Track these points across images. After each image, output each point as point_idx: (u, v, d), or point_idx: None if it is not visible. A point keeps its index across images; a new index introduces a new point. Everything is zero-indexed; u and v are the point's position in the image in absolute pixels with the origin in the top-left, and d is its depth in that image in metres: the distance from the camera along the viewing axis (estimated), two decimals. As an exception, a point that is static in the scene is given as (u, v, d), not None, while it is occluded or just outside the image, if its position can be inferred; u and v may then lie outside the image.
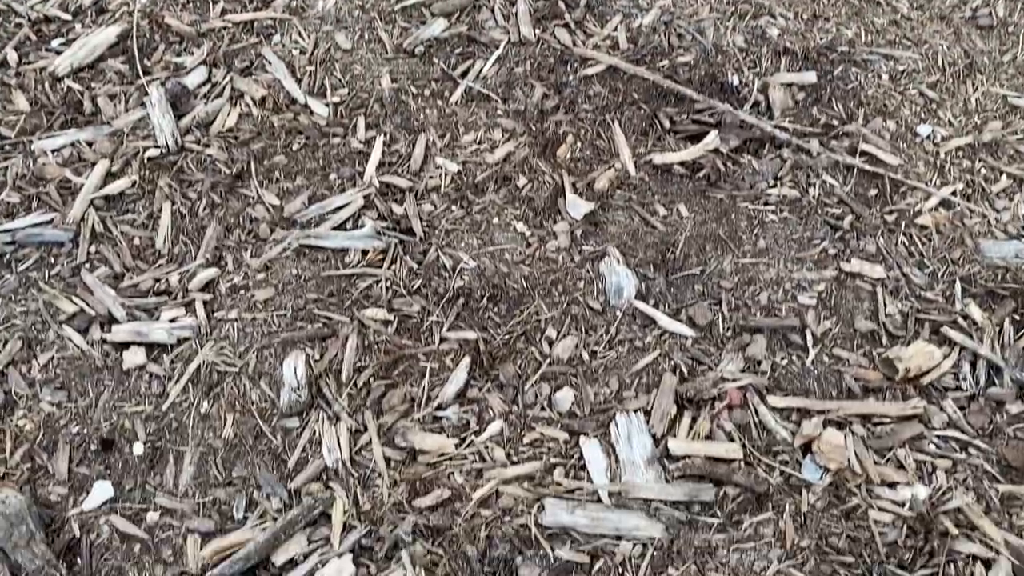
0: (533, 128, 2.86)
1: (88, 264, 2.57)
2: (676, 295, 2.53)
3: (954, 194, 2.74)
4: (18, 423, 2.29)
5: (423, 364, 2.38)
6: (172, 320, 2.44)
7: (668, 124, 2.88)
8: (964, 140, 2.88)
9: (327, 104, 2.93)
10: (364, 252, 2.58)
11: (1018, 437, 2.27)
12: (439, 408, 2.32)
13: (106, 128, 2.87)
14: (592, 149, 2.82)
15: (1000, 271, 2.56)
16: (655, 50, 3.08)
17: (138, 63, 3.03)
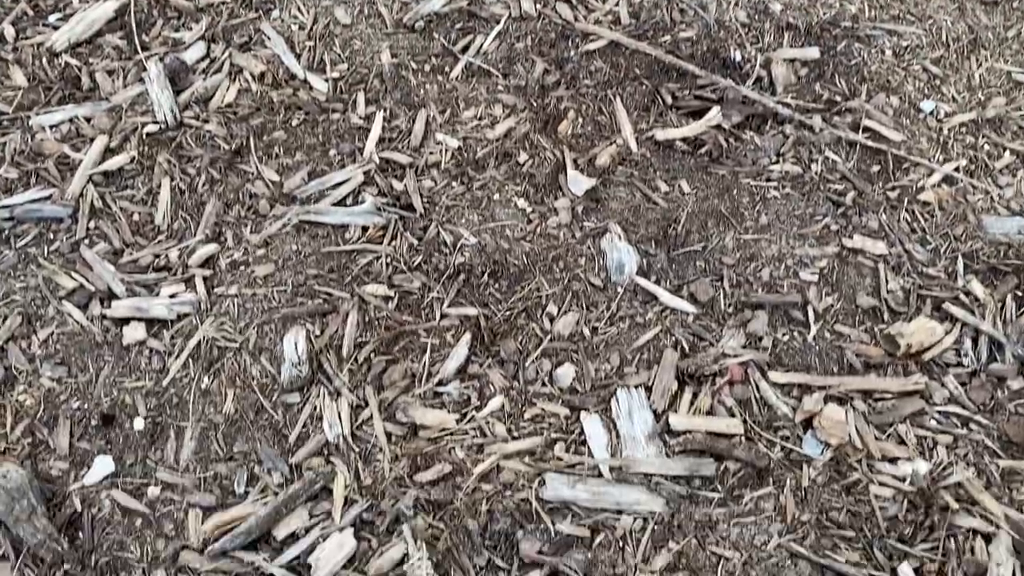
0: (534, 104, 2.85)
1: (87, 240, 2.56)
2: (677, 271, 2.52)
3: (957, 170, 2.73)
4: (18, 398, 2.28)
5: (424, 340, 2.38)
6: (172, 296, 2.44)
7: (670, 100, 2.86)
8: (967, 116, 2.86)
9: (327, 79, 2.91)
10: (364, 228, 2.57)
11: (1019, 413, 2.27)
12: (440, 384, 2.31)
13: (104, 104, 2.85)
14: (593, 125, 2.81)
15: (1002, 247, 2.55)
16: (657, 25, 3.06)
17: (136, 38, 3.00)
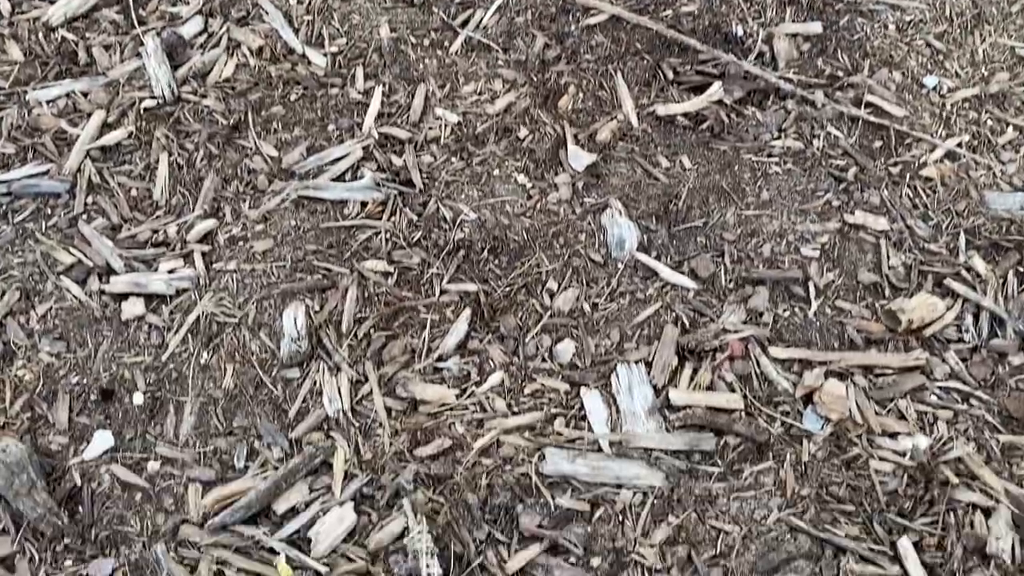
0: (534, 79, 2.82)
1: (85, 215, 2.55)
2: (678, 247, 2.51)
3: (960, 146, 2.71)
4: (17, 373, 2.28)
5: (423, 316, 2.37)
6: (171, 271, 2.43)
7: (671, 75, 2.83)
8: (971, 91, 2.84)
9: (325, 54, 2.88)
10: (363, 204, 2.56)
11: (1020, 388, 2.27)
12: (440, 359, 2.31)
13: (101, 79, 2.83)
14: (594, 100, 2.79)
15: (1005, 223, 2.54)
16: None
17: (133, 13, 2.97)
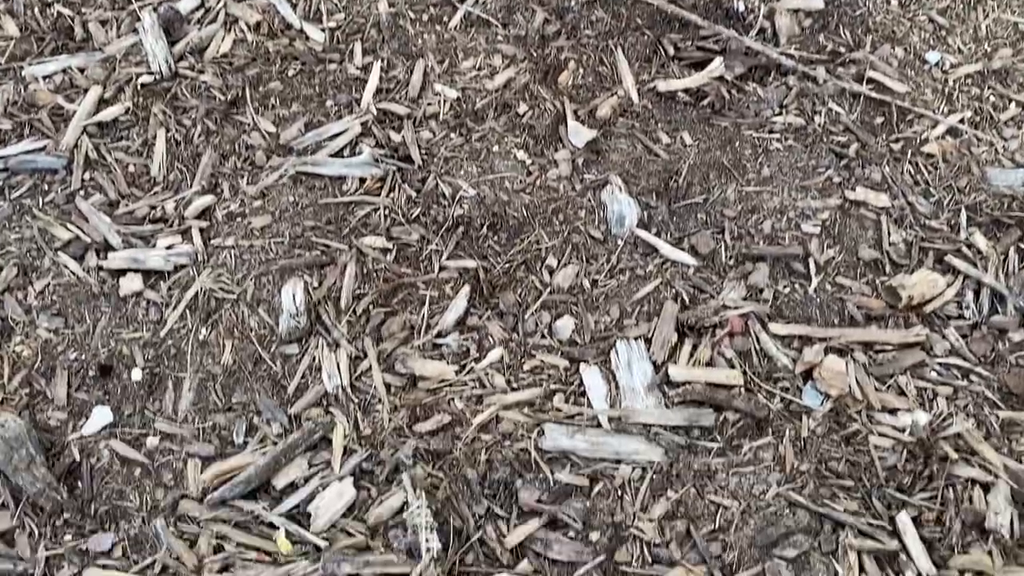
0: (534, 54, 2.80)
1: (82, 191, 2.53)
2: (678, 223, 2.50)
3: (962, 122, 2.69)
4: (16, 349, 2.27)
5: (422, 292, 2.36)
6: (168, 247, 2.41)
7: (672, 51, 2.81)
8: (973, 67, 2.82)
9: (323, 29, 2.86)
10: (362, 180, 2.54)
11: (1020, 365, 2.27)
12: (439, 336, 2.30)
13: (98, 54, 2.80)
14: (594, 76, 2.77)
15: (1006, 199, 2.53)
16: (659, -25, 3.00)
17: (129, -12, 2.95)
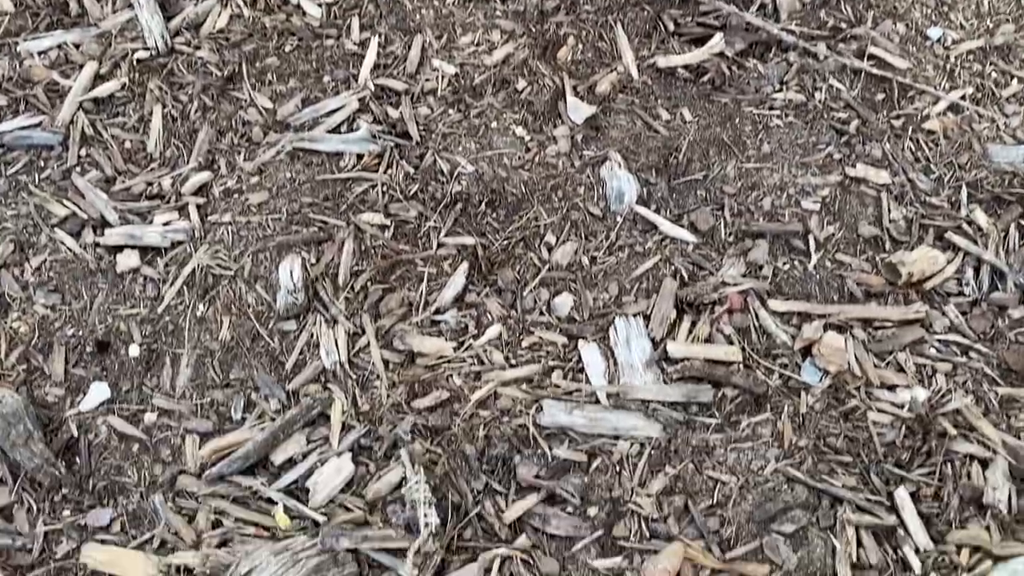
0: (533, 29, 2.78)
1: (79, 167, 2.52)
2: (678, 200, 2.49)
3: (963, 98, 2.67)
4: (12, 325, 2.27)
5: (421, 269, 2.35)
6: (165, 223, 2.40)
7: (672, 26, 2.79)
8: (975, 43, 2.80)
9: (320, 4, 2.83)
10: (359, 156, 2.53)
11: (1019, 341, 2.26)
12: (437, 312, 2.29)
13: (93, 30, 2.78)
14: (594, 51, 2.74)
15: (1007, 176, 2.51)
16: (659, -50, 2.98)
17: (124, -38, 2.92)
